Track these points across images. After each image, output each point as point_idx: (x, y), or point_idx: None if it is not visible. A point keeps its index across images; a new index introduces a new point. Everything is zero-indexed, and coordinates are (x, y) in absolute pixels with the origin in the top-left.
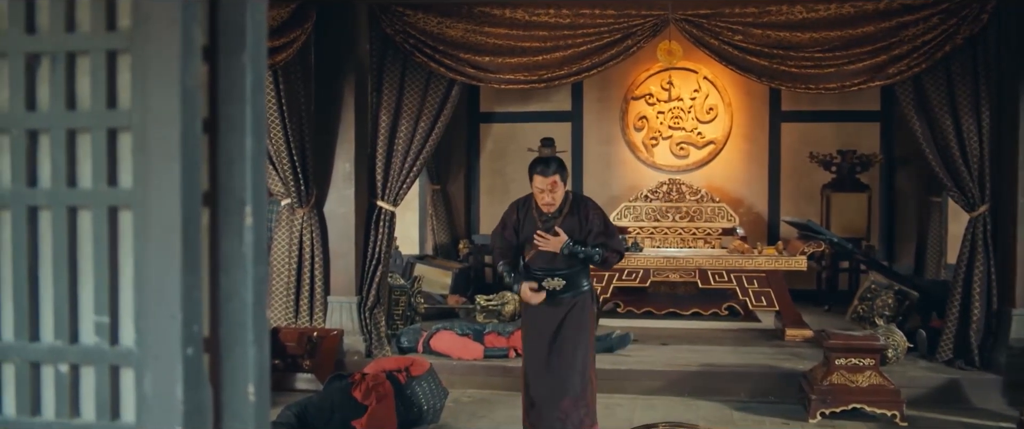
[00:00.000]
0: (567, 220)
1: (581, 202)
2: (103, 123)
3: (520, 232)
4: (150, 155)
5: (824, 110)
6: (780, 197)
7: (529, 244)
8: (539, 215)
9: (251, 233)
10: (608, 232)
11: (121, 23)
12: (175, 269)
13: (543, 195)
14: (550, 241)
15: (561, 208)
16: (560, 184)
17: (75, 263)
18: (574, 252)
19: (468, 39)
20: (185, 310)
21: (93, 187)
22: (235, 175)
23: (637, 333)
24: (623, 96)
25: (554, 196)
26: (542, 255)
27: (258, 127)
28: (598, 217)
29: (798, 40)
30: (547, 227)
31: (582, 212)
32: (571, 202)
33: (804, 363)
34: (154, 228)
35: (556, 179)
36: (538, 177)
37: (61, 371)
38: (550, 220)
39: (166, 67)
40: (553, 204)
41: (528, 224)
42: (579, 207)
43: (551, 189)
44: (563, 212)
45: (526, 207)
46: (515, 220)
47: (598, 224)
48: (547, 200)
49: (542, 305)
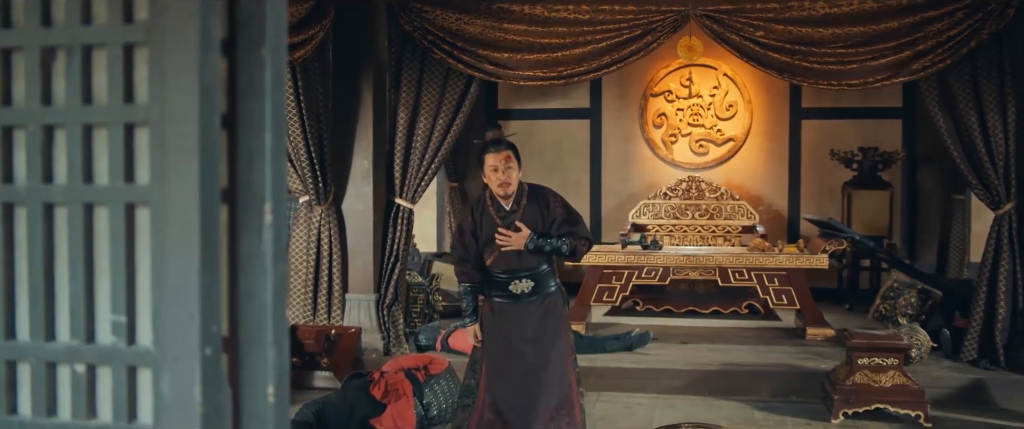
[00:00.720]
0: (527, 213)
1: (538, 191)
2: (120, 118)
3: (479, 236)
4: (168, 151)
5: (845, 107)
6: (800, 195)
7: (490, 247)
8: (497, 211)
9: (270, 231)
10: (572, 219)
11: (138, 16)
12: (193, 268)
13: (496, 174)
14: (512, 238)
15: (518, 200)
16: (514, 161)
17: (92, 261)
18: (540, 246)
19: (487, 36)
20: (203, 310)
21: (110, 184)
22: (254, 172)
23: (656, 331)
24: (642, 93)
25: (508, 175)
26: (505, 257)
27: (278, 123)
28: (559, 204)
29: (820, 36)
30: (507, 224)
31: (541, 201)
32: (528, 193)
33: (826, 362)
34: (172, 226)
35: (509, 154)
36: (490, 155)
37: (77, 371)
38: (509, 215)
39: (184, 61)
40: (509, 183)
41: (486, 224)
42: (537, 197)
43: (505, 165)
44: (521, 205)
45: (481, 207)
46: (471, 223)
47: (560, 211)
48: (501, 179)
49: (508, 311)
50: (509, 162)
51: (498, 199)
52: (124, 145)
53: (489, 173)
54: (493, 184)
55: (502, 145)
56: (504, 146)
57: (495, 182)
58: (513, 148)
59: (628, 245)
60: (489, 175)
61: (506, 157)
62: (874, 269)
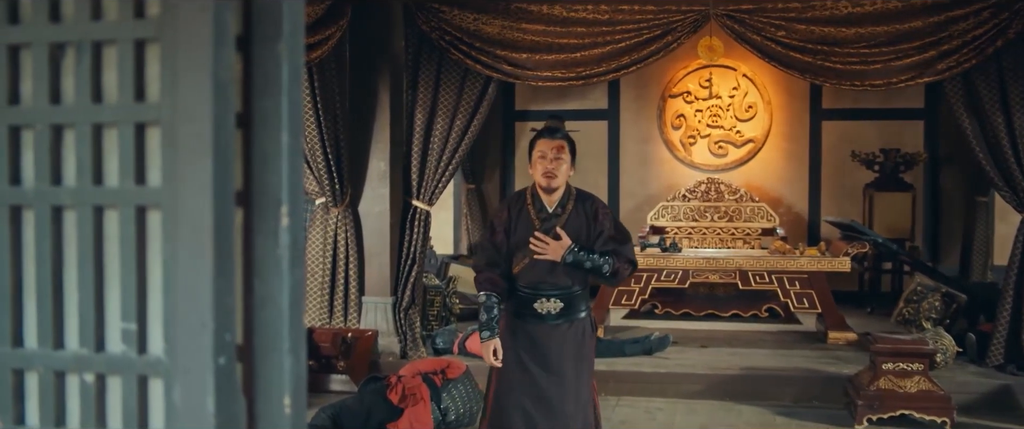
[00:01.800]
0: (571, 220)
1: (587, 199)
2: (131, 117)
3: (512, 235)
4: (180, 151)
5: (866, 108)
6: (821, 197)
7: (521, 252)
8: (537, 212)
9: (287, 235)
10: (620, 236)
11: (150, 11)
12: (206, 273)
13: (543, 162)
14: (550, 246)
15: (563, 203)
16: (566, 155)
17: (101, 266)
18: (580, 261)
19: (505, 36)
20: (217, 317)
21: (120, 185)
22: (270, 173)
23: (675, 335)
24: (660, 94)
25: (557, 167)
26: (536, 267)
27: (294, 122)
28: (608, 217)
29: (843, 36)
30: (547, 228)
31: (589, 210)
32: (575, 198)
33: (848, 367)
34: (184, 229)
35: (563, 145)
36: (542, 140)
37: (86, 381)
38: (551, 218)
39: (197, 57)
40: (555, 176)
41: (522, 225)
42: (586, 205)
43: (556, 155)
44: (566, 209)
45: (520, 204)
46: (506, 220)
47: (609, 225)
48: (547, 168)
49: (530, 333)
50: (561, 153)
51: (541, 197)
52: (135, 145)
53: (536, 160)
54: (537, 173)
55: (558, 133)
56: (560, 135)
57: (540, 171)
58: (569, 140)
59: (647, 247)
60: (535, 163)
61: (559, 147)
62: (896, 272)
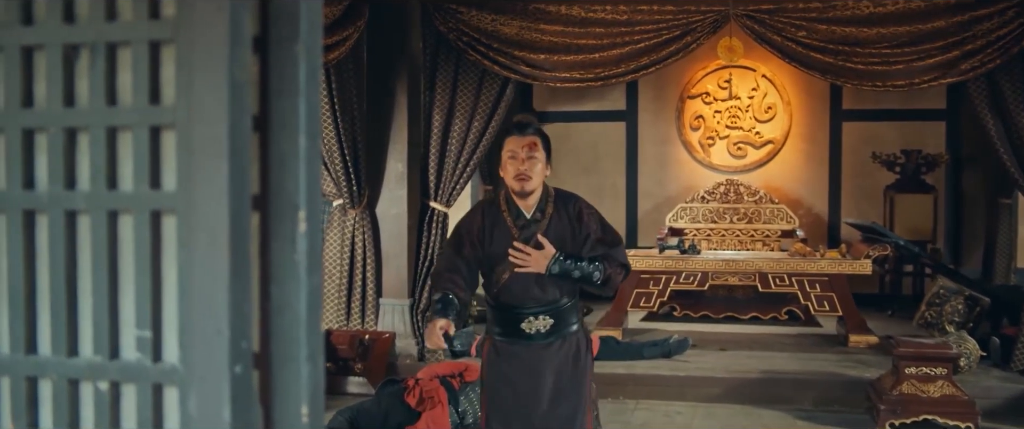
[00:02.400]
0: (553, 225)
1: (569, 200)
2: (145, 120)
3: (485, 245)
4: (195, 154)
5: (887, 108)
6: (841, 198)
7: (500, 267)
8: (514, 219)
9: (305, 240)
10: (609, 238)
11: (165, 11)
12: (222, 280)
13: (515, 163)
14: (532, 257)
15: (541, 207)
16: (540, 152)
17: (116, 272)
18: (567, 271)
19: (523, 37)
20: (233, 325)
21: (134, 189)
22: (287, 176)
23: (694, 337)
24: (679, 95)
25: (530, 167)
26: (519, 282)
27: (312, 124)
28: (594, 218)
29: (865, 36)
30: (526, 237)
31: (572, 211)
32: (554, 199)
33: (870, 371)
34: (200, 234)
35: (535, 141)
36: (512, 138)
37: (101, 389)
38: (530, 225)
39: (213, 59)
40: (528, 177)
41: (498, 236)
42: (567, 206)
43: (528, 153)
44: (546, 213)
45: (494, 212)
46: (478, 228)
47: (595, 227)
48: (519, 169)
49: (519, 356)
50: (534, 151)
51: (516, 201)
52: (150, 148)
53: (505, 161)
54: (509, 175)
55: (529, 129)
56: (531, 130)
57: (512, 173)
58: (543, 135)
59: (666, 249)
60: (505, 164)
61: (531, 144)
62: (917, 274)
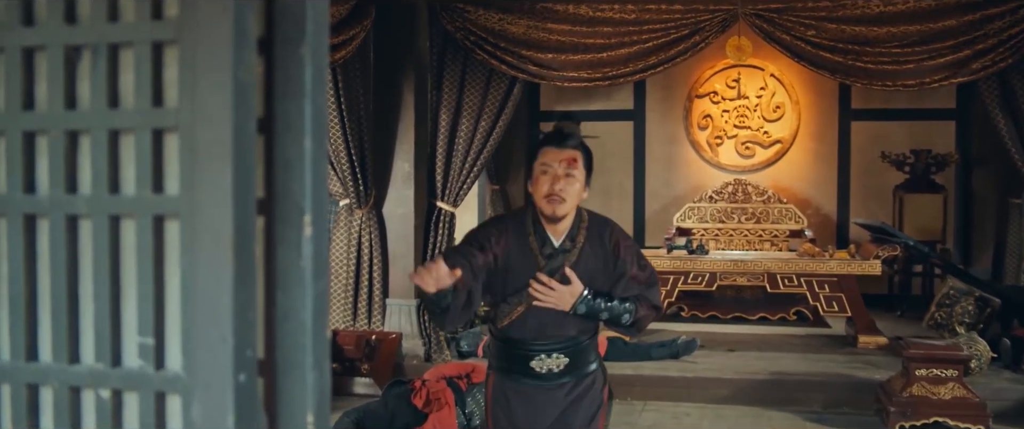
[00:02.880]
0: (585, 257)
1: (603, 227)
2: (148, 122)
3: (502, 266)
4: (199, 158)
5: (896, 108)
6: (850, 198)
7: (516, 297)
8: (540, 245)
9: (311, 245)
10: (647, 277)
11: (168, 11)
12: (226, 286)
13: (546, 181)
14: (557, 293)
15: (572, 235)
16: (580, 171)
17: (118, 278)
18: (594, 311)
19: (530, 36)
20: (237, 332)
21: (137, 193)
22: (293, 180)
23: (702, 338)
24: (687, 94)
25: (566, 187)
26: (537, 317)
27: (318, 127)
28: (632, 252)
29: (875, 35)
30: (552, 269)
31: (607, 241)
32: (588, 226)
33: (879, 372)
34: (203, 239)
35: (576, 157)
36: (549, 149)
37: (102, 397)
38: (558, 255)
39: (217, 60)
40: (561, 199)
41: (520, 260)
42: (603, 235)
43: (566, 170)
44: (577, 242)
45: (521, 230)
46: (501, 247)
47: (632, 264)
48: (551, 189)
49: (527, 397)
50: (572, 168)
51: (544, 226)
52: (152, 152)
53: (538, 176)
54: (539, 193)
55: (569, 141)
56: (572, 143)
57: (543, 191)
58: (585, 150)
59: (674, 249)
60: (537, 179)
61: (570, 159)
62: (926, 275)
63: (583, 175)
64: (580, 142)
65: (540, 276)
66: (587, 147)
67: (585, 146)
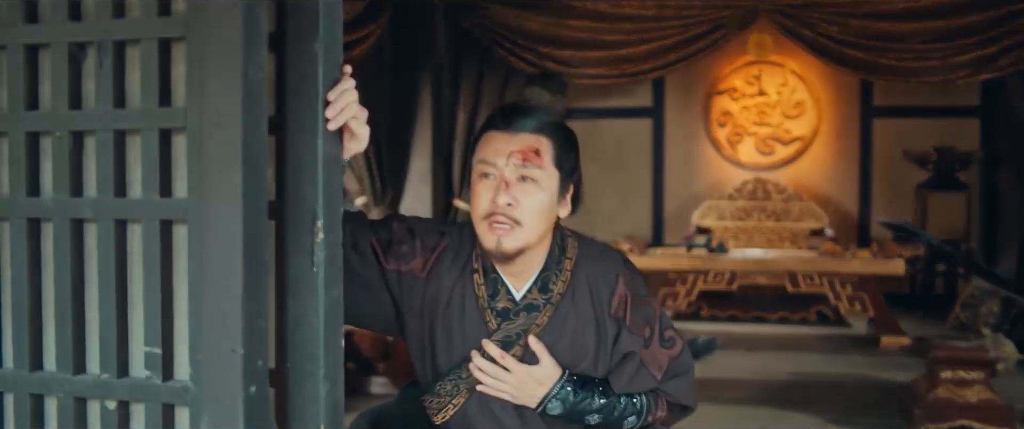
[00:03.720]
0: (564, 317)
1: (605, 270)
2: (155, 123)
3: (432, 322)
4: (208, 160)
5: (918, 105)
6: (871, 196)
7: (454, 376)
8: (490, 294)
9: (323, 250)
10: (673, 360)
11: (176, 7)
12: (236, 294)
13: (486, 190)
14: (514, 377)
15: (545, 279)
16: (546, 171)
17: (125, 285)
18: (576, 411)
19: (549, 32)
20: (247, 342)
21: (143, 197)
22: (305, 183)
23: (722, 338)
24: (706, 91)
25: (522, 201)
26: (489, 413)
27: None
28: (646, 316)
29: (898, 31)
30: (509, 338)
31: (605, 296)
32: (576, 265)
33: (902, 374)
34: (212, 245)
35: (538, 147)
36: (496, 135)
37: (108, 408)
38: (516, 315)
39: (227, 57)
40: (510, 222)
41: (460, 313)
42: (599, 283)
43: (521, 170)
44: (553, 291)
45: (464, 260)
46: (417, 266)
47: (647, 335)
48: (501, 203)
49: None
50: (532, 165)
51: (494, 262)
52: (160, 153)
53: (475, 181)
54: (477, 213)
55: (527, 120)
56: (532, 124)
57: (480, 209)
58: (559, 134)
59: (693, 247)
60: (475, 185)
61: (527, 152)
62: (949, 274)
63: (555, 178)
64: (547, 122)
65: (487, 346)
66: (562, 128)
67: (558, 127)
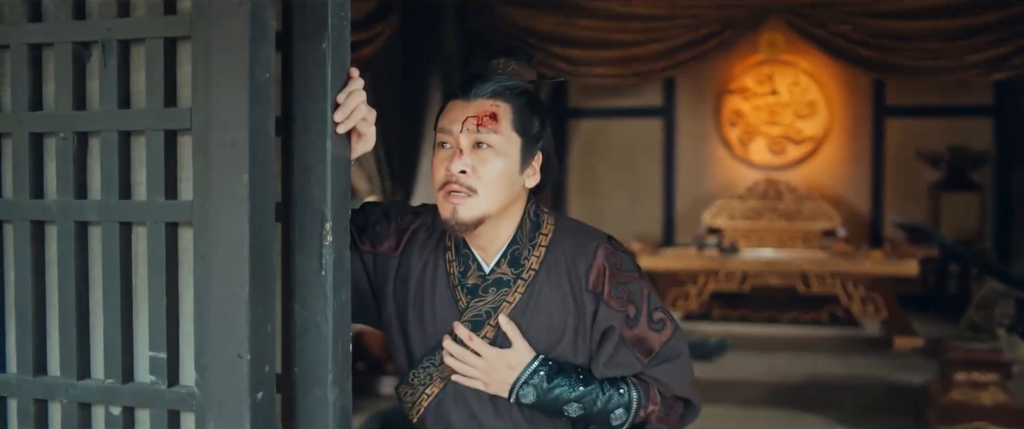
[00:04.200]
0: (539, 295)
1: (583, 245)
2: (160, 123)
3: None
4: (213, 162)
5: (931, 105)
6: (883, 196)
7: (428, 363)
8: (462, 273)
9: (331, 253)
10: (664, 343)
11: (181, 5)
12: (242, 298)
13: (441, 160)
14: (484, 360)
15: (516, 253)
16: (505, 137)
17: (130, 288)
18: (552, 402)
19: (559, 31)
20: (254, 348)
21: (148, 199)
22: (313, 185)
23: (733, 339)
24: (717, 90)
25: (478, 168)
26: (460, 403)
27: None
28: (629, 292)
29: (913, 29)
30: (477, 319)
31: (583, 273)
32: (552, 241)
33: (916, 375)
34: (218, 248)
35: (495, 111)
36: (456, 103)
37: (113, 414)
38: (485, 291)
39: (233, 56)
40: (465, 190)
41: (432, 291)
42: (576, 259)
43: (476, 136)
44: (525, 266)
45: (437, 236)
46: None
47: (630, 313)
48: (454, 171)
49: None
50: (487, 130)
51: (455, 233)
52: (165, 155)
53: (434, 153)
54: (435, 183)
55: (484, 85)
56: (489, 87)
57: (437, 177)
58: (515, 97)
59: (704, 247)
60: (434, 157)
61: (483, 116)
62: (962, 275)
63: (516, 143)
64: (506, 86)
65: (457, 328)
66: (523, 90)
67: (520, 91)
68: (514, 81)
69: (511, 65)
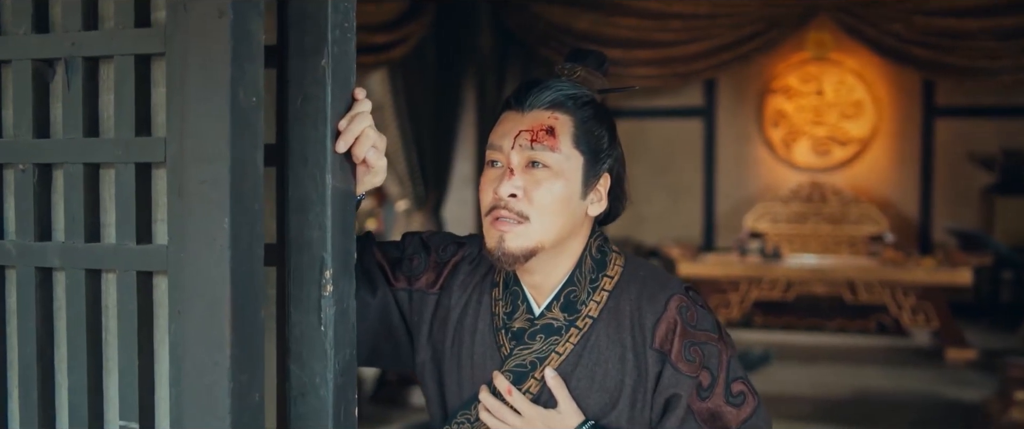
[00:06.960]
0: (595, 346)
1: (652, 294)
2: (130, 156)
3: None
4: (189, 202)
5: (984, 105)
6: (933, 200)
7: (462, 415)
8: (506, 317)
9: (333, 306)
10: (740, 427)
11: (156, 15)
12: (223, 366)
13: (490, 181)
14: (519, 417)
15: (575, 295)
16: (565, 156)
17: (99, 346)
18: None
19: (597, 31)
20: (237, 421)
21: (118, 243)
22: (311, 225)
23: (777, 348)
24: (760, 90)
25: (531, 192)
26: None
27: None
28: (702, 354)
29: (966, 28)
30: (521, 371)
31: (648, 326)
32: (618, 283)
33: (970, 390)
34: (195, 304)
35: (554, 125)
36: (509, 115)
37: None
38: (532, 338)
39: (212, 76)
40: (516, 217)
41: (473, 333)
42: (642, 308)
43: (531, 154)
44: (581, 312)
45: (483, 271)
46: (438, 288)
47: (702, 384)
48: (502, 194)
49: None
50: (544, 147)
51: (504, 267)
52: (137, 191)
53: (484, 172)
54: (482, 207)
55: (543, 94)
56: (548, 97)
57: (485, 201)
58: (579, 109)
59: (746, 252)
60: (482, 177)
61: (538, 131)
62: (1017, 282)
63: (577, 163)
64: (567, 95)
65: (496, 379)
66: (593, 102)
67: (585, 101)
68: (578, 89)
69: (577, 71)
